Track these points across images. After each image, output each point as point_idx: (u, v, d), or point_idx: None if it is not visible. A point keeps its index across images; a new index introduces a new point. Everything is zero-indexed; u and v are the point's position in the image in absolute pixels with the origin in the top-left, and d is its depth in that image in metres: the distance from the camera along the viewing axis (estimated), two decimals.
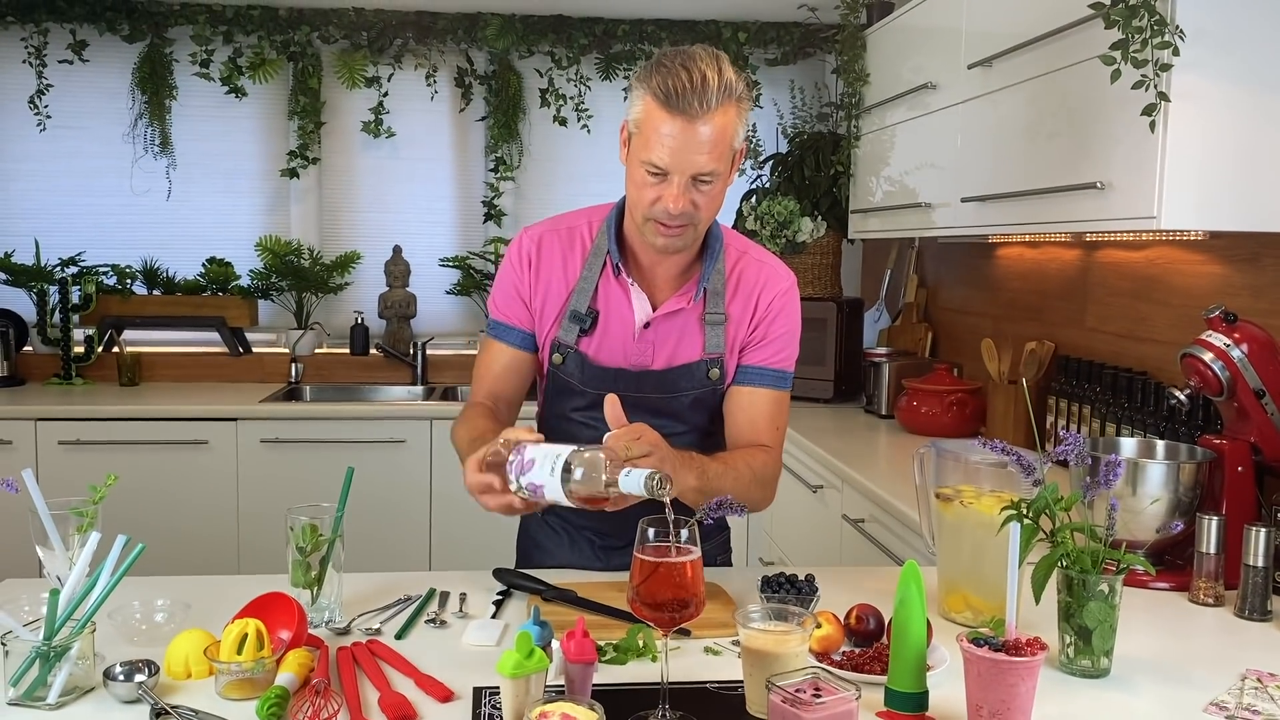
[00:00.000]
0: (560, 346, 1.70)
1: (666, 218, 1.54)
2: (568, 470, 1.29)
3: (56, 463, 3.41)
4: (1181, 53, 1.79)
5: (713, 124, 1.48)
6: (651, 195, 1.54)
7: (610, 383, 1.66)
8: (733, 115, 1.51)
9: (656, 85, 1.48)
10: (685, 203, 1.52)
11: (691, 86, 1.46)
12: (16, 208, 4.05)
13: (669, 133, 1.48)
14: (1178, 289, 2.35)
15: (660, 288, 1.70)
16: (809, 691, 1.09)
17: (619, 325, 1.69)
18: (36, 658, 1.21)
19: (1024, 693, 1.14)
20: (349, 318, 4.19)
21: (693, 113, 1.47)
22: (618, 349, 1.69)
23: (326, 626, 1.48)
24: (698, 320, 1.69)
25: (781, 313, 1.73)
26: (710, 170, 1.51)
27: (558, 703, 1.07)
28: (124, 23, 3.93)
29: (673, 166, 1.50)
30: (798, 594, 1.51)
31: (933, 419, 3.09)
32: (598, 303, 1.69)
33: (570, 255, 1.71)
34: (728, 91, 1.49)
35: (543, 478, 1.32)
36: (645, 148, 1.52)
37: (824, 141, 3.79)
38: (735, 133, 1.53)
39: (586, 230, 1.72)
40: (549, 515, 1.82)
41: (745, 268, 1.72)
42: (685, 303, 1.68)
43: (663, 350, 1.69)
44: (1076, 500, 1.36)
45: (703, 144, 1.49)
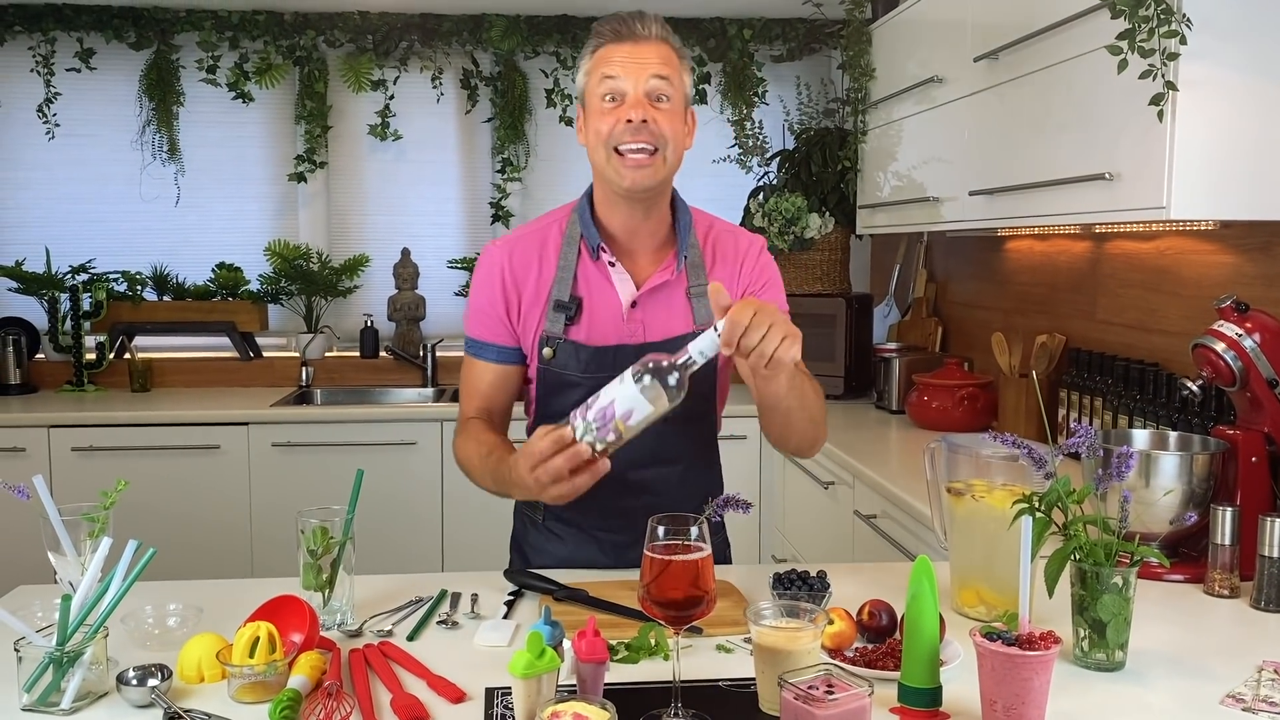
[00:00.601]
0: (549, 340, 1.69)
1: (630, 134, 1.56)
2: (657, 376, 1.33)
3: (70, 469, 3.43)
4: (1189, 41, 1.77)
5: (657, 46, 1.59)
6: (611, 120, 1.58)
7: (609, 362, 1.64)
8: (675, 55, 1.61)
9: (601, 30, 1.61)
10: (644, 110, 1.56)
11: (631, 17, 1.59)
12: (27, 216, 4.07)
13: (618, 56, 1.58)
14: (1189, 279, 2.34)
15: (641, 265, 1.71)
16: (821, 688, 1.09)
17: (605, 308, 1.69)
18: (50, 664, 1.21)
19: (1038, 687, 1.14)
20: (358, 321, 4.20)
21: (636, 35, 1.58)
22: (609, 330, 1.69)
23: (339, 629, 1.48)
24: (684, 295, 1.70)
25: (769, 277, 1.78)
26: (664, 75, 1.58)
27: (569, 702, 1.07)
28: (130, 30, 3.94)
29: (626, 76, 1.57)
30: (809, 591, 1.51)
31: (944, 414, 3.08)
32: (579, 289, 1.69)
33: (545, 254, 1.71)
34: (665, 31, 1.61)
35: (612, 392, 1.35)
36: (599, 83, 1.59)
37: (831, 137, 3.79)
38: (680, 68, 1.62)
39: (557, 228, 1.73)
40: (550, 519, 1.81)
41: (717, 238, 1.76)
42: (669, 275, 1.69)
43: (654, 327, 1.69)
44: (1089, 493, 1.36)
45: (651, 56, 1.58)
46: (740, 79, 4.16)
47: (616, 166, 1.59)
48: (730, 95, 4.17)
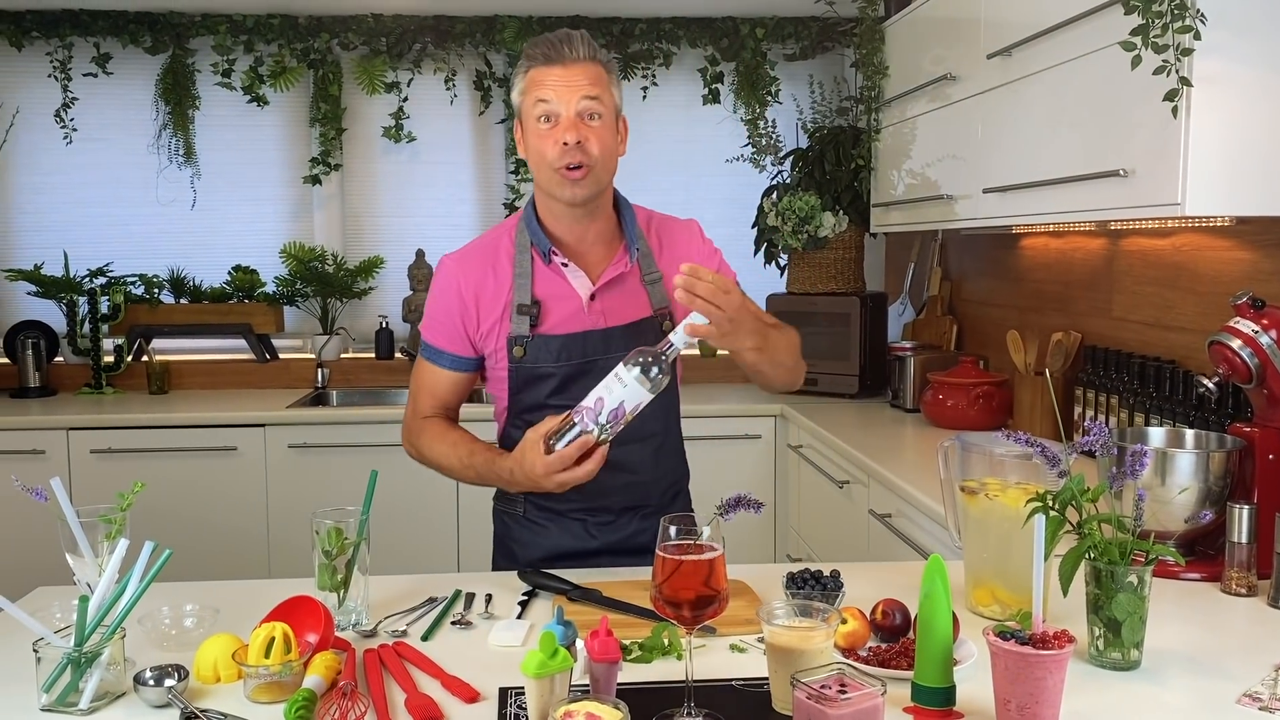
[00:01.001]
0: (517, 340, 1.78)
1: (565, 156, 1.66)
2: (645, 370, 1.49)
3: (89, 471, 3.45)
4: (1203, 37, 1.76)
5: (586, 68, 1.67)
6: (549, 140, 1.67)
7: (579, 349, 1.77)
8: (603, 73, 1.69)
9: (533, 53, 1.69)
10: (577, 133, 1.65)
11: (560, 40, 1.68)
12: (45, 220, 4.10)
13: (550, 80, 1.67)
14: (1205, 276, 2.33)
15: (592, 262, 1.80)
16: (834, 687, 1.09)
17: (566, 305, 1.79)
18: (68, 664, 1.22)
19: (1052, 686, 1.13)
20: (373, 322, 4.21)
21: (566, 58, 1.66)
22: (573, 322, 1.79)
23: (353, 629, 1.49)
24: (639, 282, 1.82)
25: (704, 244, 1.91)
26: (595, 95, 1.67)
27: (582, 702, 1.07)
28: (146, 35, 3.97)
29: (559, 100, 1.66)
30: (823, 590, 1.51)
31: (959, 412, 3.07)
32: (538, 292, 1.78)
33: (498, 263, 1.80)
34: (592, 50, 1.69)
35: (619, 394, 1.51)
36: (533, 94, 1.68)
37: (844, 136, 3.78)
38: (609, 84, 1.71)
39: (506, 238, 1.82)
40: (532, 510, 1.87)
41: (659, 227, 1.88)
42: (623, 267, 1.80)
43: (614, 314, 1.80)
44: (1103, 491, 1.35)
45: (580, 79, 1.66)
46: (753, 78, 4.16)
47: (557, 182, 1.70)
48: (743, 94, 4.17)
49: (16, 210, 4.09)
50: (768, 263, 3.97)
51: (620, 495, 1.83)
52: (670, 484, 1.92)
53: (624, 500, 1.84)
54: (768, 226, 3.81)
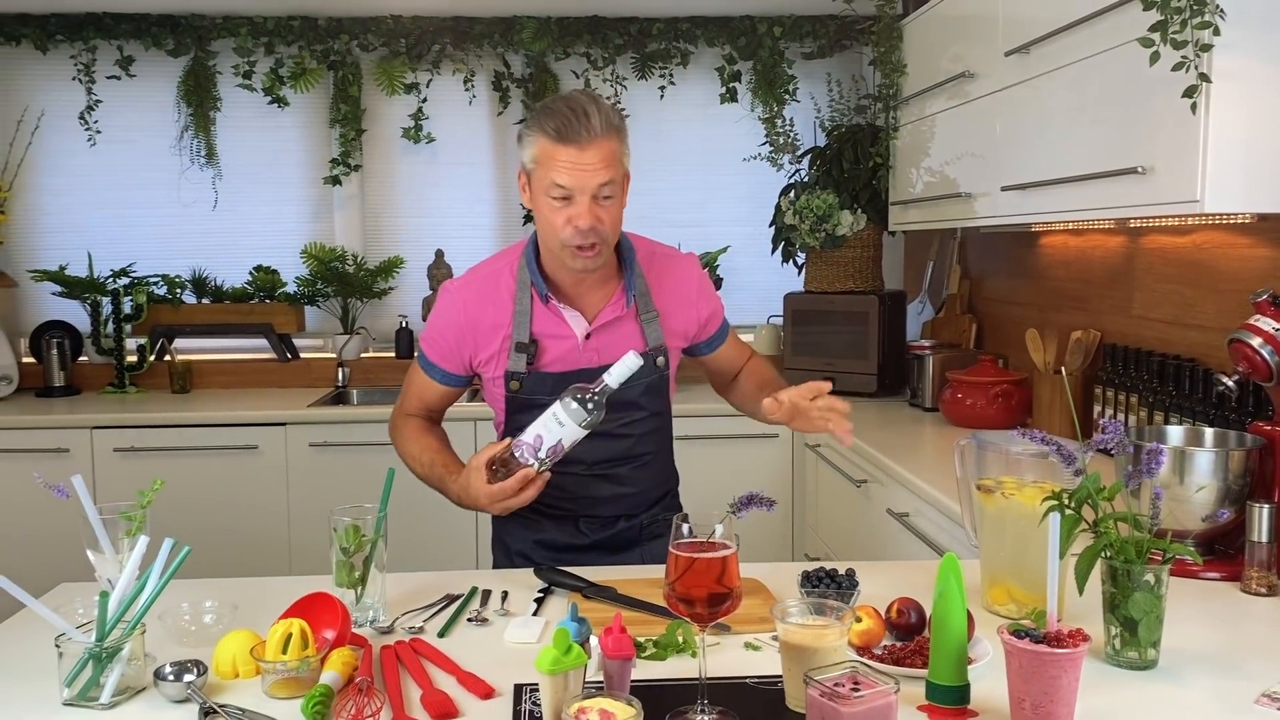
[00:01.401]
0: (514, 375, 1.85)
1: (580, 237, 1.71)
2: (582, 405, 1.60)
3: (112, 469, 3.49)
4: (1222, 32, 1.75)
5: (601, 148, 1.69)
6: (562, 218, 1.71)
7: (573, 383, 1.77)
8: (616, 143, 1.72)
9: (547, 125, 1.70)
10: (592, 218, 1.70)
11: (577, 118, 1.68)
12: (69, 221, 4.14)
13: (566, 160, 1.68)
14: (1226, 273, 2.31)
15: (589, 305, 1.86)
16: (848, 685, 1.09)
17: (561, 344, 1.85)
18: (89, 659, 1.24)
19: (1066, 685, 1.13)
20: (394, 322, 4.23)
21: (582, 141, 1.67)
22: (568, 360, 1.85)
23: (371, 626, 1.50)
24: (634, 320, 1.88)
25: (705, 285, 2.00)
26: (609, 181, 1.70)
27: (596, 698, 1.07)
28: (169, 38, 4.00)
29: (575, 186, 1.69)
30: (838, 589, 1.51)
31: (977, 411, 3.06)
32: (536, 329, 1.85)
33: (499, 296, 1.86)
34: (608, 122, 1.70)
35: (558, 433, 1.62)
36: (547, 175, 1.70)
37: (862, 134, 3.77)
38: (621, 156, 1.74)
39: (508, 271, 1.88)
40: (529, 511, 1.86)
41: (657, 266, 1.93)
42: (619, 311, 1.86)
43: (609, 353, 1.81)
44: (1119, 489, 1.34)
45: (597, 163, 1.69)
46: (771, 77, 4.15)
47: (568, 254, 1.75)
48: (761, 93, 4.16)
49: (41, 211, 4.14)
50: (785, 261, 3.97)
51: (610, 505, 1.93)
52: (659, 492, 2.01)
53: (614, 510, 1.94)
54: (785, 225, 3.81)
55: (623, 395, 1.79)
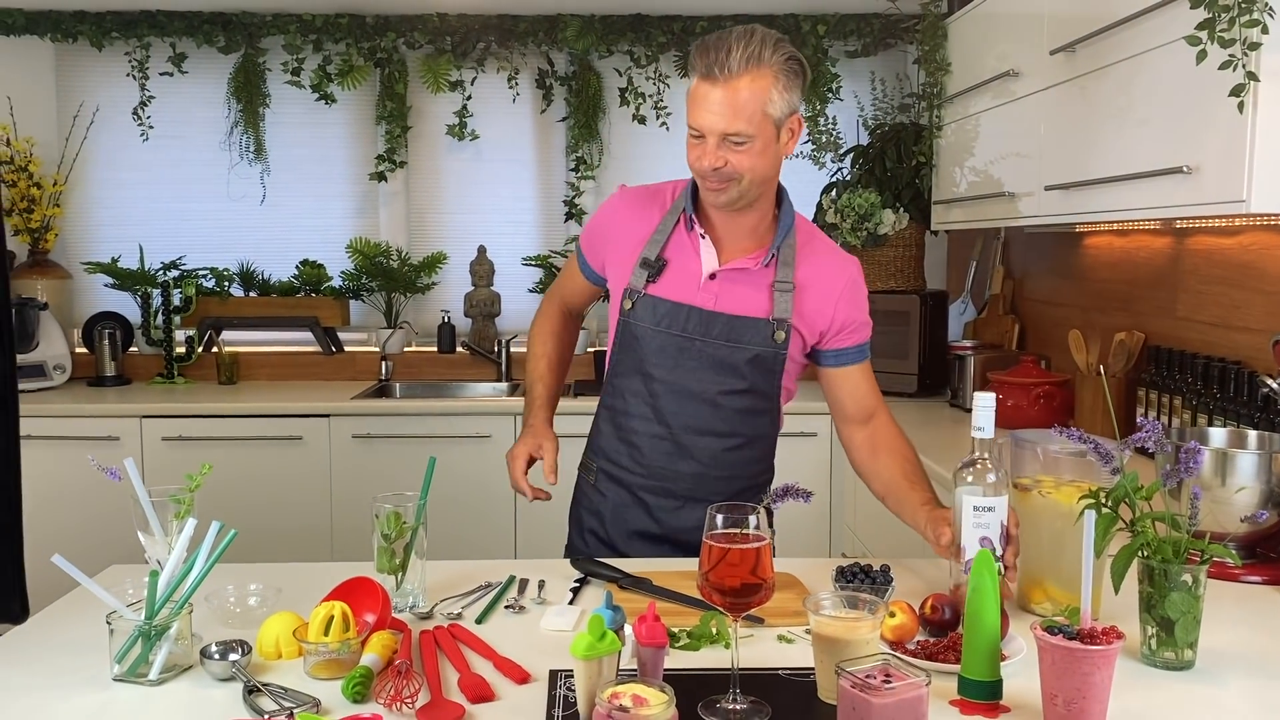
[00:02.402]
0: (630, 293, 1.83)
1: (706, 174, 1.70)
2: None
3: (160, 458, 3.56)
4: (1271, 30, 1.73)
5: (735, 88, 1.62)
6: (694, 154, 1.70)
7: (681, 320, 1.79)
8: (765, 83, 1.63)
9: (696, 61, 1.66)
10: (717, 158, 1.66)
11: (717, 55, 1.62)
12: (122, 215, 4.23)
13: (700, 95, 1.65)
14: (1273, 275, 2.28)
15: (730, 247, 1.82)
16: (879, 677, 1.10)
17: (686, 274, 1.81)
18: (139, 636, 1.28)
19: (1099, 682, 1.13)
20: (436, 317, 4.28)
21: (715, 78, 1.62)
22: (685, 292, 1.81)
23: (410, 611, 1.53)
24: (767, 285, 1.80)
25: (856, 298, 1.88)
26: (737, 130, 1.64)
27: (629, 684, 1.09)
28: (220, 35, 4.08)
29: (703, 126, 1.66)
30: (872, 584, 1.51)
31: (1019, 412, 3.04)
32: (667, 252, 1.82)
33: (650, 210, 1.86)
34: (754, 59, 1.61)
35: None
36: (689, 113, 1.69)
37: (905, 133, 3.75)
38: (766, 98, 1.64)
39: (670, 192, 1.88)
40: (602, 479, 1.94)
41: (816, 249, 1.85)
42: (754, 264, 1.80)
43: (727, 300, 1.79)
44: (1157, 489, 1.34)
45: (725, 106, 1.63)
46: (814, 75, 4.14)
47: (702, 186, 1.75)
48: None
49: (96, 205, 4.23)
50: None
51: (686, 482, 1.85)
52: (742, 484, 1.89)
53: (688, 488, 1.85)
54: (826, 224, 3.80)
55: (727, 355, 1.79)
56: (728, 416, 1.83)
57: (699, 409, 1.82)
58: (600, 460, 1.92)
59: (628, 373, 1.86)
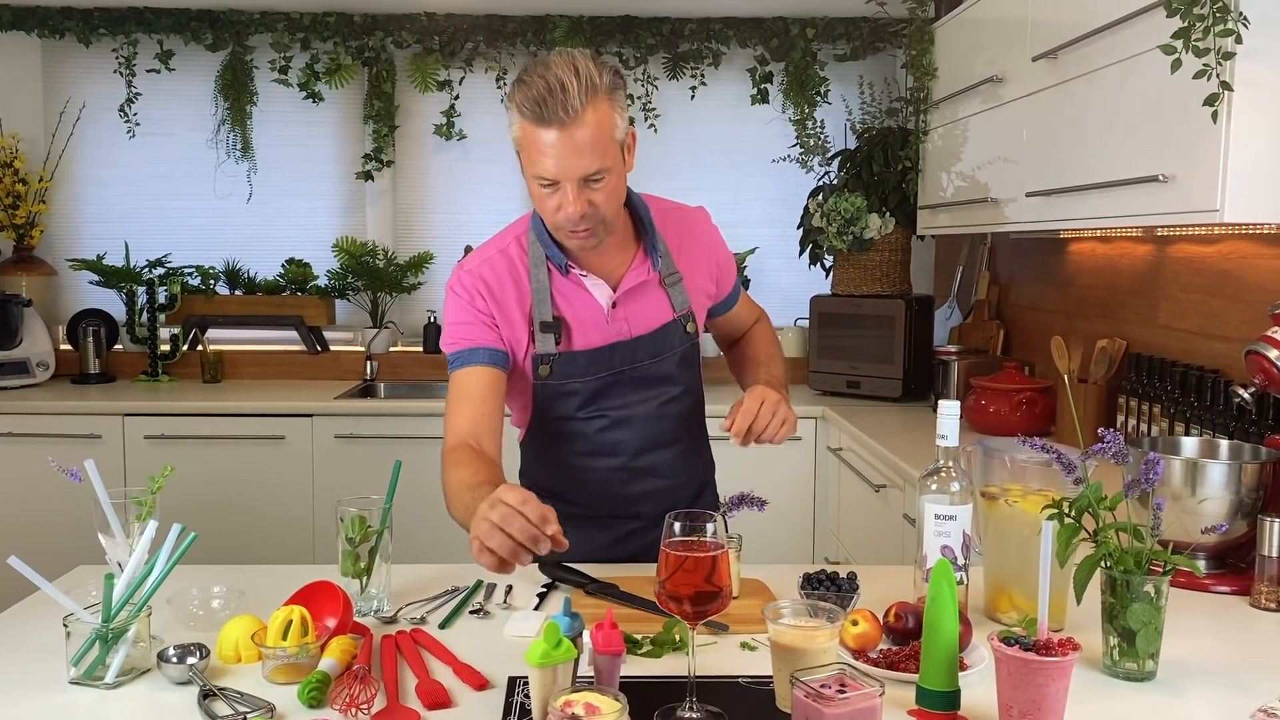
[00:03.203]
0: (543, 359, 1.74)
1: (570, 224, 1.59)
2: None
3: (142, 456, 3.55)
4: (1245, 40, 1.73)
5: (585, 125, 1.50)
6: (551, 205, 1.58)
7: (605, 360, 1.75)
8: (605, 110, 1.53)
9: (522, 101, 1.51)
10: (581, 205, 1.56)
11: (552, 95, 1.48)
12: (108, 212, 4.22)
13: (547, 143, 1.51)
14: (1252, 284, 2.28)
15: (611, 267, 1.75)
16: (834, 687, 1.09)
17: (588, 316, 1.75)
18: (96, 639, 1.27)
19: (1054, 693, 1.13)
20: (422, 316, 4.28)
21: (561, 120, 1.49)
22: (596, 334, 1.75)
23: (375, 615, 1.52)
24: (658, 285, 1.78)
25: (719, 243, 1.91)
26: (596, 169, 1.54)
27: (583, 692, 1.09)
28: (208, 32, 4.07)
29: (559, 174, 1.54)
30: (838, 591, 1.51)
31: (1001, 418, 3.03)
32: (559, 308, 1.73)
33: (516, 274, 1.73)
34: (590, 89, 1.50)
35: None
36: (531, 163, 1.55)
37: (893, 137, 3.75)
38: (613, 125, 1.55)
39: (516, 247, 1.74)
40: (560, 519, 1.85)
41: (672, 223, 1.82)
42: (644, 274, 1.76)
43: (637, 321, 1.76)
44: (1120, 499, 1.33)
45: (581, 147, 1.51)
46: (802, 78, 4.14)
47: (563, 236, 1.65)
48: (792, 95, 4.16)
49: (82, 201, 4.22)
50: (813, 264, 3.96)
51: (651, 502, 1.82)
52: (698, 483, 1.94)
53: (655, 506, 1.79)
54: (813, 227, 3.80)
55: (657, 369, 1.76)
56: (673, 425, 1.83)
57: (647, 428, 1.80)
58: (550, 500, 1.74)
59: (558, 421, 1.80)
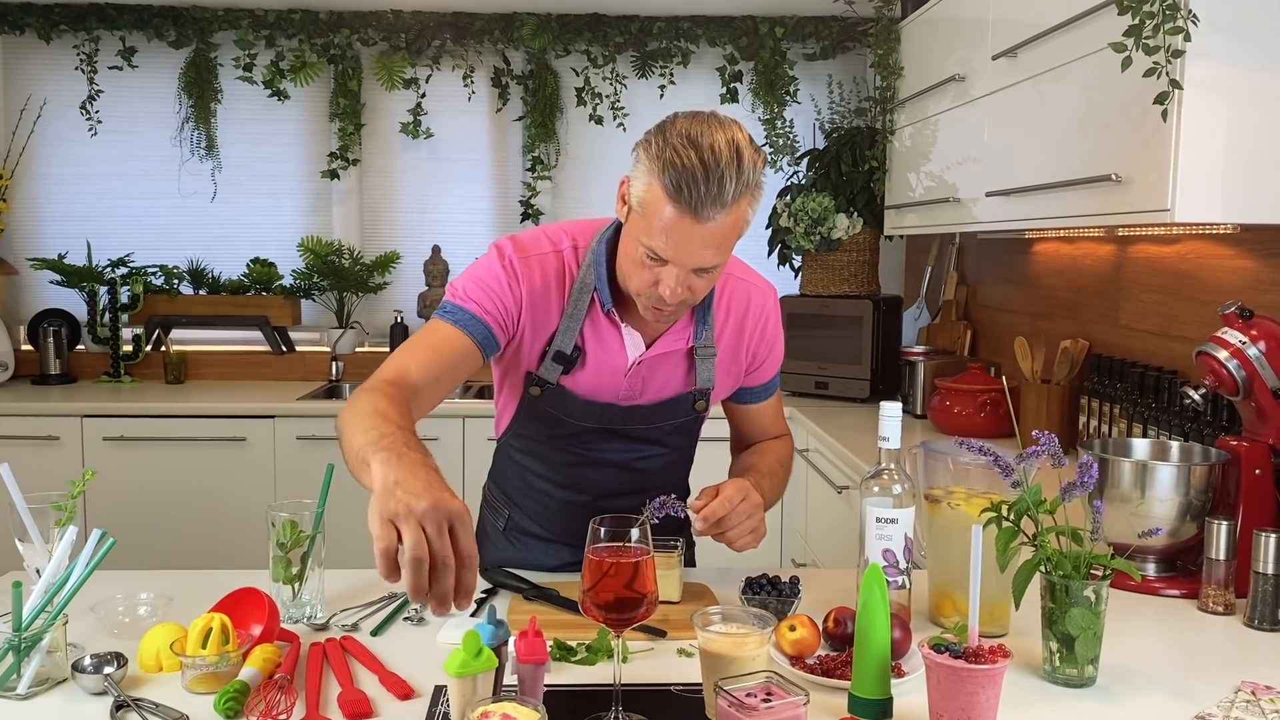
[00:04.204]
0: (541, 382, 1.61)
1: (661, 303, 1.46)
2: None
3: (101, 458, 3.50)
4: (1195, 39, 1.71)
5: (724, 222, 1.37)
6: (648, 278, 1.44)
7: (598, 414, 1.64)
8: (745, 207, 1.39)
9: (668, 173, 1.34)
10: (683, 292, 1.43)
11: (707, 186, 1.33)
12: (69, 210, 4.17)
13: (675, 225, 1.36)
14: (1209, 284, 2.27)
15: (651, 328, 1.59)
16: (760, 695, 1.07)
17: (607, 362, 1.60)
18: (8, 649, 1.23)
19: (984, 701, 1.10)
20: (389, 317, 4.24)
21: (705, 214, 1.35)
22: (606, 386, 1.61)
23: (306, 622, 1.49)
24: (686, 354, 1.63)
25: (775, 337, 1.72)
26: (714, 264, 1.42)
27: (501, 702, 1.06)
28: (171, 29, 4.02)
29: (675, 259, 1.39)
30: (779, 596, 1.48)
31: (965, 419, 3.02)
32: (584, 341, 1.59)
33: (558, 284, 1.57)
34: (744, 187, 1.36)
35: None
36: (647, 232, 1.39)
37: (860, 136, 3.73)
38: (745, 221, 1.41)
39: (572, 256, 1.58)
40: (513, 531, 1.83)
41: (732, 293, 1.66)
42: (683, 343, 1.61)
43: (652, 385, 1.63)
44: (1059, 503, 1.31)
45: (709, 240, 1.38)
46: (772, 78, 4.12)
47: (644, 307, 1.50)
48: (761, 94, 4.13)
49: (42, 200, 4.16)
50: (781, 264, 3.94)
51: None
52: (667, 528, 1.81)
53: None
54: (781, 227, 3.78)
55: (646, 433, 1.67)
56: (648, 476, 1.72)
57: (617, 475, 1.70)
58: (513, 510, 1.82)
59: (544, 439, 1.71)
